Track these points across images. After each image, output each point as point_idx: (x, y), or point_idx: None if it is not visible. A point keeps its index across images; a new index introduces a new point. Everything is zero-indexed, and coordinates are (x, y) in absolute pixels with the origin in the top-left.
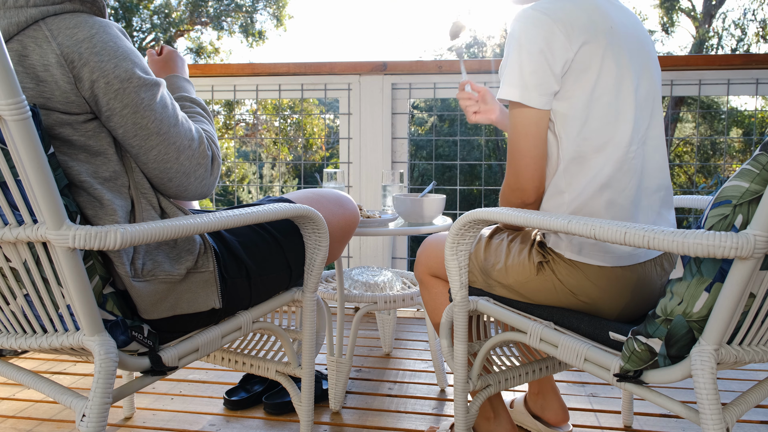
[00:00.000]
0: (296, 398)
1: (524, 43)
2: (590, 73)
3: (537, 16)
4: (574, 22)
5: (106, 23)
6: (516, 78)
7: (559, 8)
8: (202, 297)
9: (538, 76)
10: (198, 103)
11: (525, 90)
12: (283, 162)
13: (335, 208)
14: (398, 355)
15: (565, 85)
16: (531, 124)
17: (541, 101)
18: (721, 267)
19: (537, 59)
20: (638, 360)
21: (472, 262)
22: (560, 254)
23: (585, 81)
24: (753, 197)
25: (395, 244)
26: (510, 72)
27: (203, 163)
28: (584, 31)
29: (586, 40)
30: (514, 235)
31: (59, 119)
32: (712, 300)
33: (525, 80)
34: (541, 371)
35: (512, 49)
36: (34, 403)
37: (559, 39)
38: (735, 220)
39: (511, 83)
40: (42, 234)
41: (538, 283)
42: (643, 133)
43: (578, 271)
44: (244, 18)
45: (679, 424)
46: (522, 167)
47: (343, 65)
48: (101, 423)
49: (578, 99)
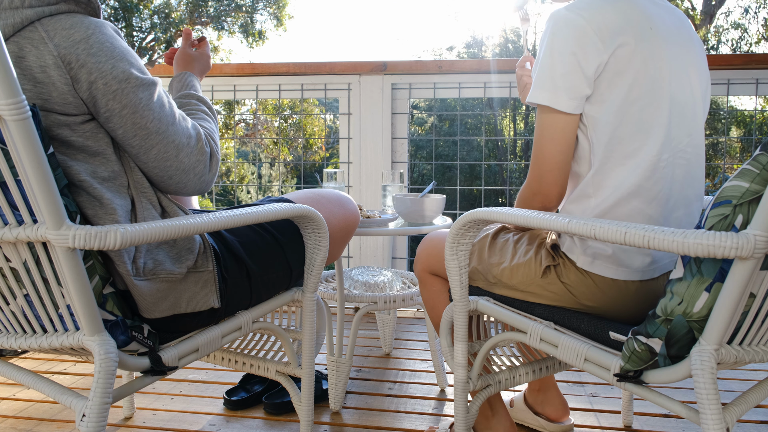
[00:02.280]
0: (296, 398)
1: (556, 45)
2: (625, 77)
3: (569, 17)
4: (609, 22)
5: (101, 23)
6: (546, 80)
7: (594, 8)
8: (202, 296)
9: (569, 79)
10: (204, 101)
11: (555, 93)
12: (282, 162)
13: (335, 208)
14: (398, 355)
15: (599, 88)
16: (558, 129)
17: (570, 105)
18: (721, 267)
19: (569, 61)
20: (638, 360)
21: (474, 260)
22: (573, 261)
23: (619, 85)
24: (753, 197)
25: (395, 244)
26: (541, 74)
27: (202, 160)
28: (619, 33)
29: (622, 42)
30: (520, 235)
31: (57, 120)
32: (713, 300)
33: (555, 83)
34: (541, 371)
35: (544, 50)
36: (34, 402)
37: (592, 41)
38: (735, 220)
39: (542, 86)
40: (42, 234)
41: (542, 285)
42: (678, 141)
43: (588, 280)
44: (244, 18)
45: (679, 424)
46: (546, 172)
47: (343, 65)
48: (101, 423)
49: (611, 103)
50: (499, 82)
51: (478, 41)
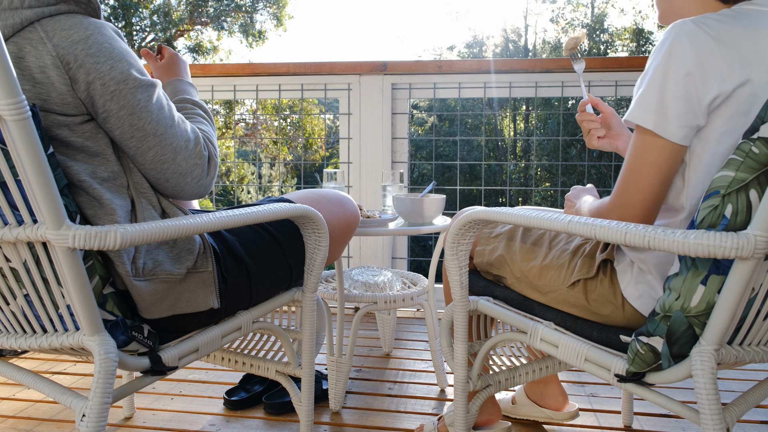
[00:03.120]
0: (296, 398)
1: (673, 61)
2: (746, 120)
3: (696, 31)
4: (741, 49)
5: (101, 24)
6: (653, 101)
7: (727, 29)
8: (201, 297)
9: (682, 104)
10: (200, 106)
11: (663, 117)
12: (282, 162)
13: (335, 208)
14: (398, 355)
15: (712, 123)
16: (661, 159)
17: (679, 134)
18: (714, 258)
19: (684, 83)
20: (642, 363)
21: (501, 248)
22: (618, 282)
23: (737, 126)
24: (740, 185)
25: (395, 244)
26: (648, 92)
27: (200, 164)
28: (750, 65)
29: (752, 77)
30: (555, 236)
31: (56, 121)
32: (709, 293)
33: (665, 106)
34: (542, 371)
35: (656, 64)
36: (34, 403)
37: (718, 65)
38: (725, 210)
39: (647, 106)
40: (42, 234)
41: (564, 294)
42: None
43: (620, 308)
44: (244, 18)
45: (679, 424)
46: (637, 201)
47: (343, 65)
48: (101, 423)
49: (723, 145)
50: (499, 82)
51: (479, 41)
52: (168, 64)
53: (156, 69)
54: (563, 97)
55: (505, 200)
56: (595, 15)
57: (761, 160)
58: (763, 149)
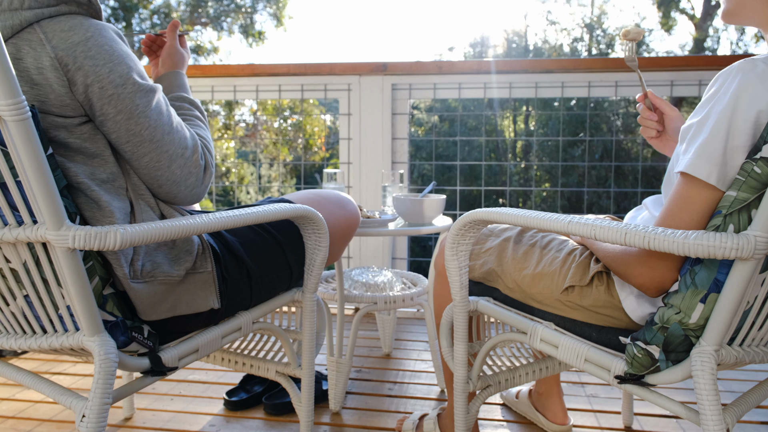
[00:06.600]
0: (296, 399)
1: (741, 103)
2: None
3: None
4: None
5: (102, 26)
6: (717, 151)
7: None
8: (201, 298)
9: (745, 152)
10: (196, 106)
11: (724, 170)
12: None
13: (335, 208)
14: (398, 356)
15: None
16: (707, 205)
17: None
18: (715, 278)
19: (752, 129)
20: (640, 366)
21: (493, 262)
22: (614, 291)
23: None
24: (741, 205)
25: (395, 244)
26: (709, 139)
27: (195, 172)
28: None
29: None
30: (549, 239)
31: (54, 122)
32: (708, 311)
33: (729, 157)
34: (542, 371)
35: (719, 106)
36: (34, 403)
37: None
38: (727, 229)
39: (709, 157)
40: (42, 234)
41: (560, 300)
42: None
43: (615, 310)
44: (244, 18)
45: (679, 425)
46: None
47: (343, 66)
48: (101, 423)
49: None
50: (499, 82)
51: (480, 41)
52: (185, 55)
53: (175, 49)
54: (563, 97)
55: (505, 201)
56: (594, 15)
57: (763, 180)
58: (765, 169)
